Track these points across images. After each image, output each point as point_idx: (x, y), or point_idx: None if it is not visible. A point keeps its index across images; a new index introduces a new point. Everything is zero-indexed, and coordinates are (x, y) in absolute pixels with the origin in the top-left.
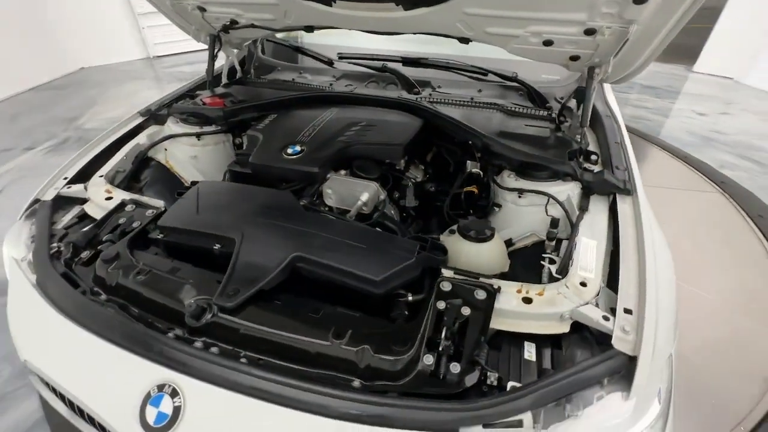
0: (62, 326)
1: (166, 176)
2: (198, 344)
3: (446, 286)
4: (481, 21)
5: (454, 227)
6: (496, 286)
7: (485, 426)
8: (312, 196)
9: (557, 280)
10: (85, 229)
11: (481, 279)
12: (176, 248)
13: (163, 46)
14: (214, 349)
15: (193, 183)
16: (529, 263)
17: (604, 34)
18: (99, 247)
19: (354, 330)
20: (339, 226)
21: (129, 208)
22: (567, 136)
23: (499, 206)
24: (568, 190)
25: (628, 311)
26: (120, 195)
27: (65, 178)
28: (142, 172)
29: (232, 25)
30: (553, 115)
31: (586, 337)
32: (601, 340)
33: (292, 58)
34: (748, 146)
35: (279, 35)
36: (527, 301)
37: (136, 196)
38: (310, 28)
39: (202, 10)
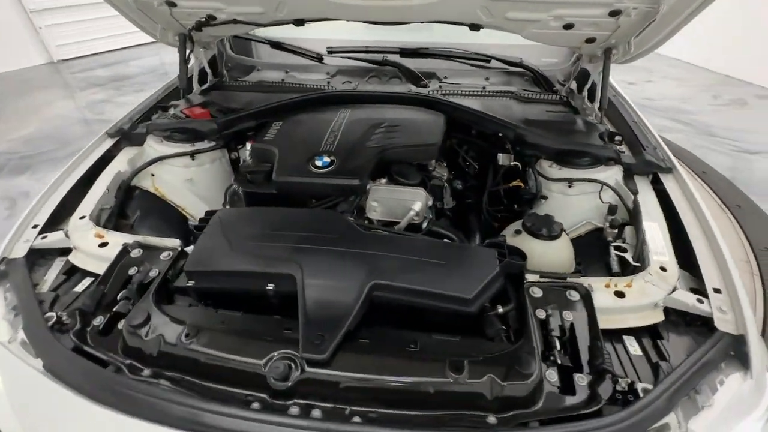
0: (106, 420)
1: (159, 206)
2: (294, 410)
3: (537, 292)
4: (504, 6)
5: (517, 226)
6: (586, 285)
7: None
8: (352, 211)
9: (635, 268)
10: (86, 287)
11: (569, 279)
12: (213, 296)
13: (68, 47)
14: (315, 413)
15: (209, 213)
16: (586, 252)
17: (630, 15)
18: (114, 309)
19: (469, 359)
20: (404, 244)
21: (135, 253)
22: (592, 120)
23: (545, 198)
24: (614, 175)
25: (717, 291)
26: (114, 238)
27: (35, 226)
28: (127, 206)
29: (209, 21)
30: (567, 99)
31: (674, 321)
32: (690, 322)
33: (247, 54)
34: (676, 110)
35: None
36: (620, 295)
37: (139, 238)
38: (300, 22)
39: (171, 5)
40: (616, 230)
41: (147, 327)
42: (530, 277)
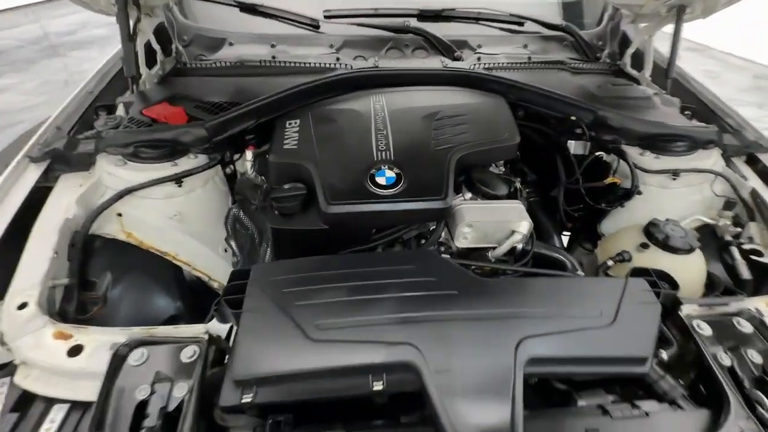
0: None
1: (137, 260)
2: None
3: (704, 328)
4: None
5: (638, 237)
6: (753, 309)
7: None
8: (432, 243)
9: None
10: (60, 428)
11: (731, 304)
12: (287, 409)
13: None
14: None
15: (236, 274)
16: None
17: None
18: None
19: None
20: (539, 290)
21: (137, 357)
22: (666, 94)
23: (639, 193)
24: (719, 161)
25: None
26: (91, 335)
27: None
28: (88, 268)
29: None
30: (620, 68)
31: None
32: None
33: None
34: None
35: None
36: None
37: (137, 331)
38: None
39: None
40: (740, 229)
41: None
42: (688, 308)
